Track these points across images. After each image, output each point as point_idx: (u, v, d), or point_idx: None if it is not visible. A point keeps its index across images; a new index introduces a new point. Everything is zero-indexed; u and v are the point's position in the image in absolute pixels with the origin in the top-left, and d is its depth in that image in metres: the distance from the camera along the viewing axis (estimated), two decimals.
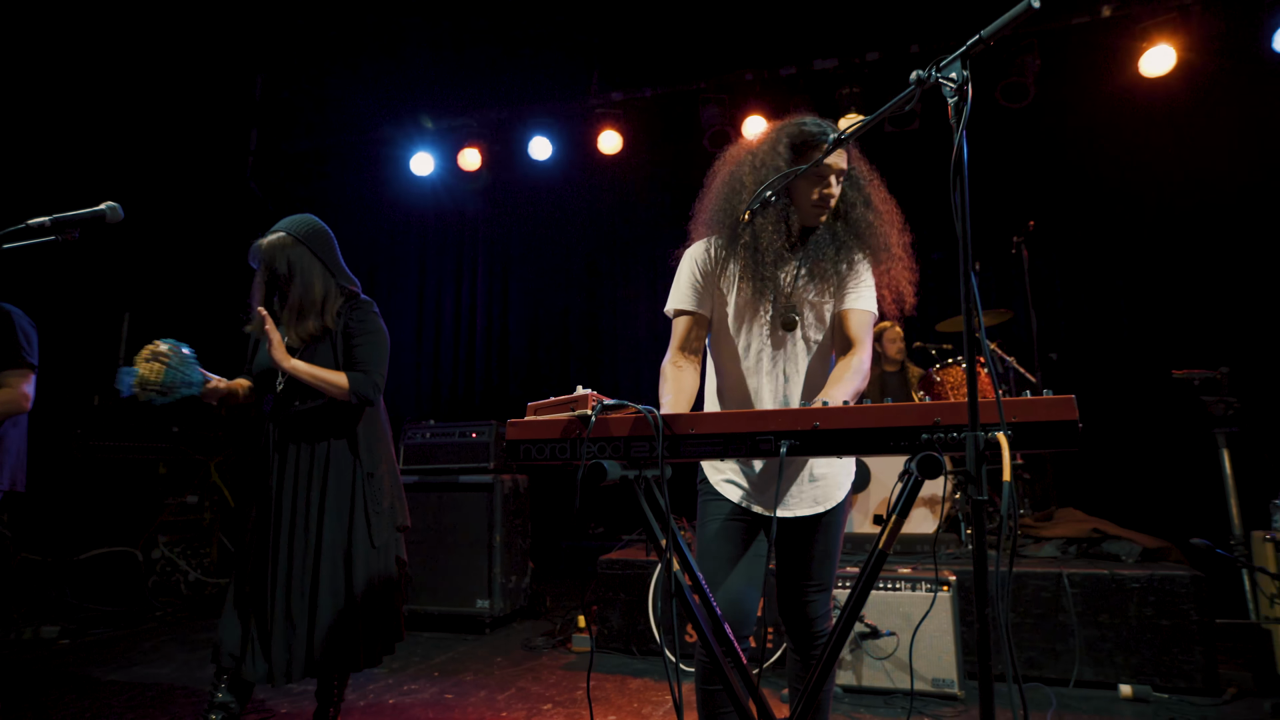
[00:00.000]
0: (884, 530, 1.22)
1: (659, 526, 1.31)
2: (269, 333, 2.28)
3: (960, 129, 1.16)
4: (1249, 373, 4.12)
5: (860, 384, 1.67)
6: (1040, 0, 1.08)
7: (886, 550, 1.23)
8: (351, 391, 2.31)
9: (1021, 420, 1.12)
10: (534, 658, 3.59)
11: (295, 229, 2.43)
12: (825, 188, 1.76)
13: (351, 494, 2.34)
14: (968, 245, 1.14)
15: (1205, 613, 2.94)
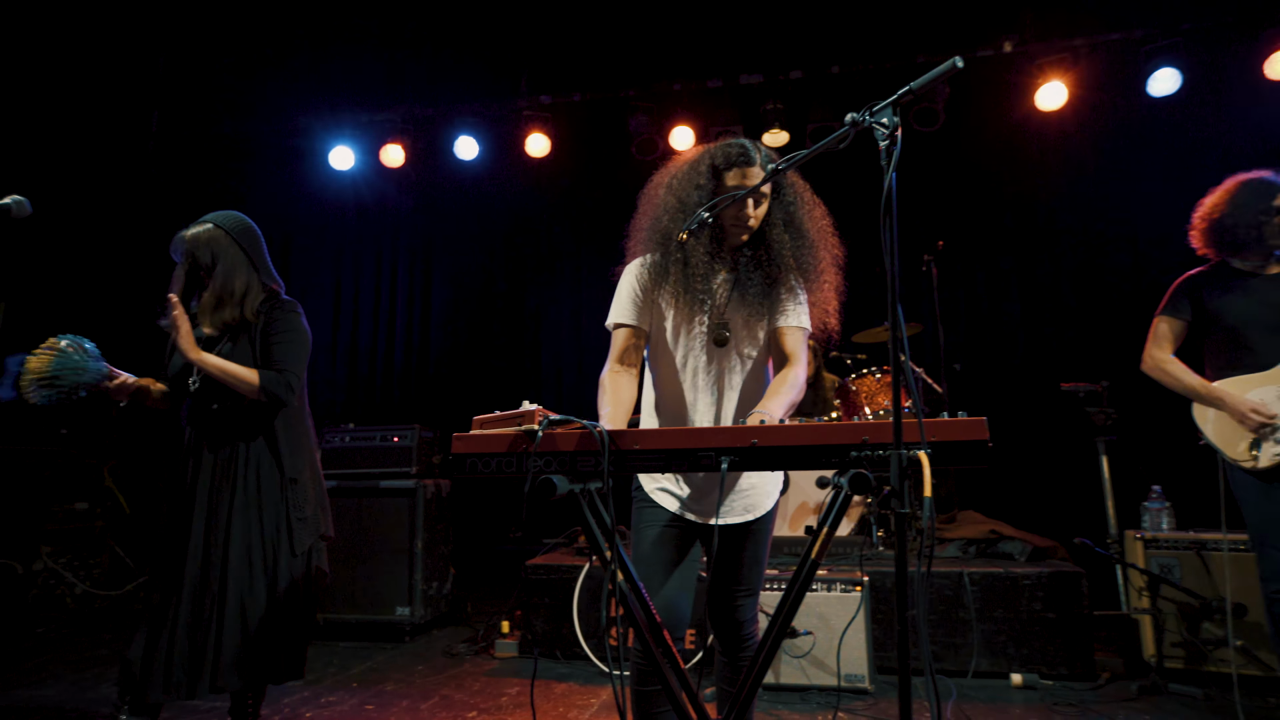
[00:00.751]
0: (815, 541, 1.30)
1: (603, 538, 1.35)
2: (177, 321, 2.18)
3: (890, 170, 1.25)
4: (1127, 386, 4.52)
5: (795, 397, 1.76)
6: (963, 60, 1.18)
7: (818, 560, 1.31)
8: (262, 389, 2.23)
9: (940, 439, 1.22)
10: (456, 665, 3.56)
11: (223, 222, 2.35)
12: (743, 209, 1.84)
13: (273, 500, 2.26)
14: (896, 280, 1.23)
15: (1085, 606, 3.21)
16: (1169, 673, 3.12)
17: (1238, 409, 2.47)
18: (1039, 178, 5.51)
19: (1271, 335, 2.50)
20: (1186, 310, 2.68)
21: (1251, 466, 2.45)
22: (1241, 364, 2.54)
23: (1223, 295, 2.60)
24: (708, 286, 1.91)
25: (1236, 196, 2.57)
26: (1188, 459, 4.49)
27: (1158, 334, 2.73)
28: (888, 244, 1.25)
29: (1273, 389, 2.47)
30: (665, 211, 1.92)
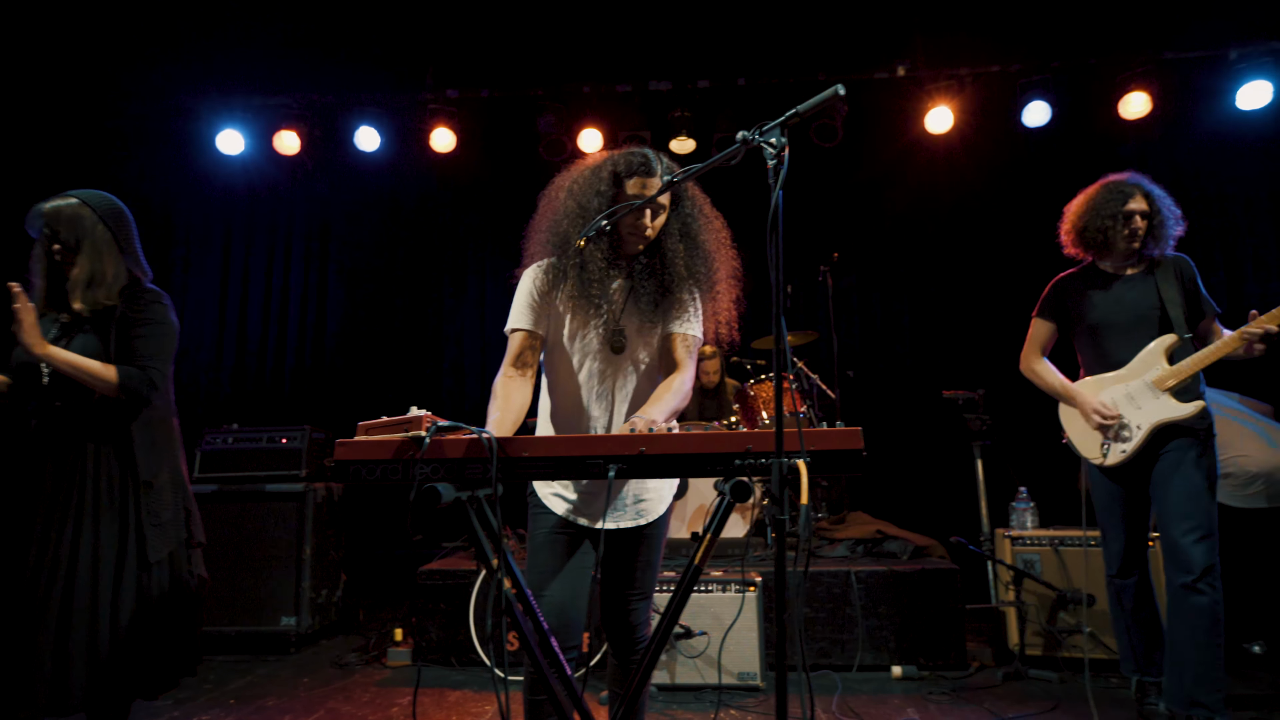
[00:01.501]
0: (699, 547, 1.34)
1: (490, 546, 1.34)
2: (19, 313, 2.00)
3: (777, 188, 1.30)
4: (1001, 393, 4.86)
5: (678, 404, 1.80)
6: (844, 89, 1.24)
7: (701, 565, 1.34)
8: (121, 387, 2.08)
9: (819, 449, 1.28)
10: (345, 676, 3.42)
11: (90, 199, 2.18)
12: (640, 218, 1.87)
13: (123, 505, 2.10)
14: (780, 293, 1.28)
15: (959, 600, 3.43)
16: (1030, 659, 3.38)
17: (1085, 407, 2.60)
18: (929, 195, 5.85)
19: (1125, 336, 2.59)
20: (1052, 312, 2.77)
21: (1100, 464, 2.60)
22: (1102, 364, 2.64)
23: (1085, 296, 2.68)
24: (604, 293, 1.93)
25: (1094, 198, 2.65)
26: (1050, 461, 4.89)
27: (1031, 336, 2.83)
28: (773, 258, 1.29)
29: (1122, 389, 2.57)
30: (565, 216, 1.92)
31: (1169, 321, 2.55)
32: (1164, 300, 2.56)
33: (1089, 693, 2.95)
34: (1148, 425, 2.51)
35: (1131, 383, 2.56)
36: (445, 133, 5.54)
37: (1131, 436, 2.53)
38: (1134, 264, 2.65)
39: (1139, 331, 2.58)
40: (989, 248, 5.74)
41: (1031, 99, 5.29)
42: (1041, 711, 2.89)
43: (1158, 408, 2.51)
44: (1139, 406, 2.53)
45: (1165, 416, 2.49)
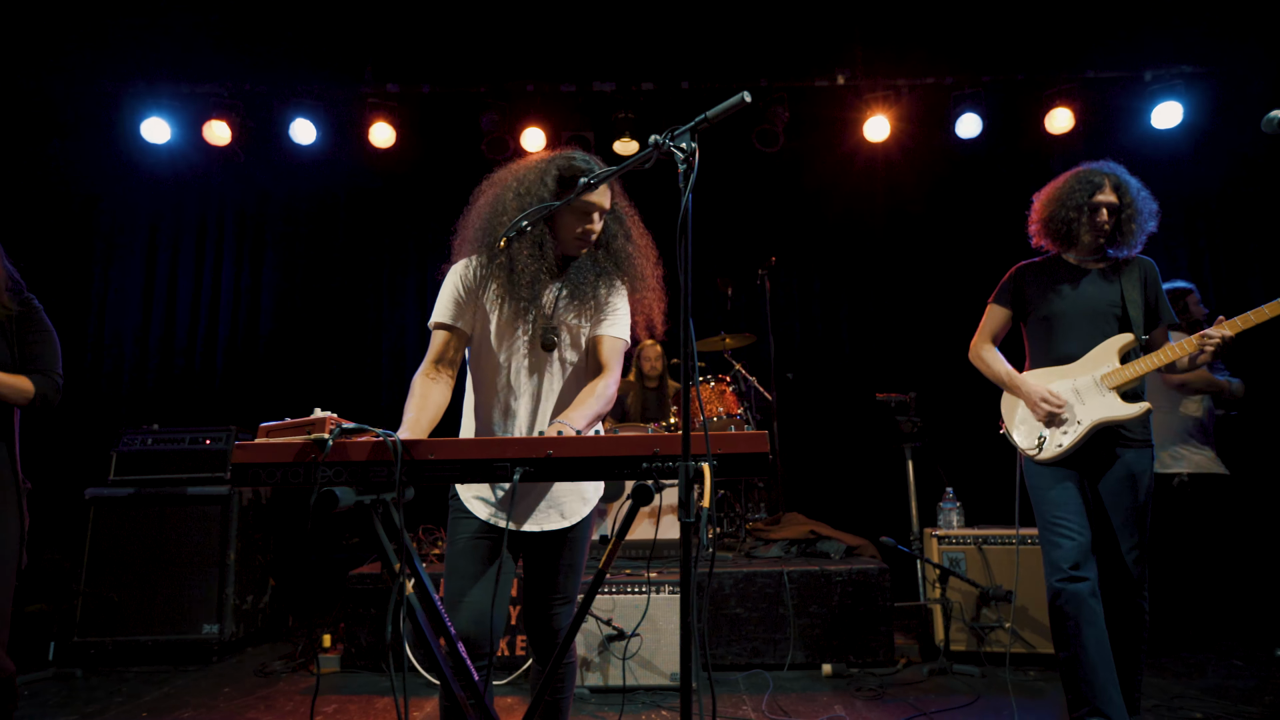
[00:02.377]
0: (605, 552, 1.33)
1: (393, 551, 1.31)
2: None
3: (687, 192, 1.31)
4: (932, 397, 5.00)
5: (602, 408, 1.79)
6: (750, 96, 1.26)
7: (604, 570, 1.34)
8: (39, 395, 2.01)
9: (725, 452, 1.29)
10: (270, 684, 3.32)
11: None
12: (588, 224, 1.87)
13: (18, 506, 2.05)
14: (688, 296, 1.29)
15: (888, 599, 3.51)
16: (955, 655, 3.48)
17: (1030, 398, 2.46)
18: (868, 202, 5.98)
19: (1079, 330, 2.47)
20: (1009, 299, 2.63)
21: (1034, 456, 2.46)
22: (1051, 357, 2.52)
23: (1044, 287, 2.56)
24: (536, 292, 1.92)
25: (1062, 187, 2.52)
26: (978, 462, 5.06)
27: (984, 322, 2.69)
28: (683, 261, 1.30)
29: (1069, 383, 2.45)
30: (505, 213, 1.90)
31: (1128, 321, 2.46)
32: (1125, 300, 2.47)
33: (1009, 685, 3.07)
34: (1088, 422, 2.38)
35: (1080, 378, 2.44)
36: (385, 128, 5.43)
37: (1069, 431, 2.40)
38: (1099, 259, 2.53)
39: (1094, 327, 2.47)
40: (924, 254, 5.90)
41: (964, 111, 5.46)
42: (963, 705, 2.98)
43: (1102, 406, 2.38)
44: (1083, 402, 2.41)
45: (1108, 415, 2.36)
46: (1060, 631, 2.34)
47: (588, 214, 1.87)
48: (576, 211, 1.87)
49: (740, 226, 5.89)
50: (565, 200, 1.76)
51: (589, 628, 3.22)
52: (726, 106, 1.31)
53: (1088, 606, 2.30)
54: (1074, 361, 2.47)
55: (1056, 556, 2.36)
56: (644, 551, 3.83)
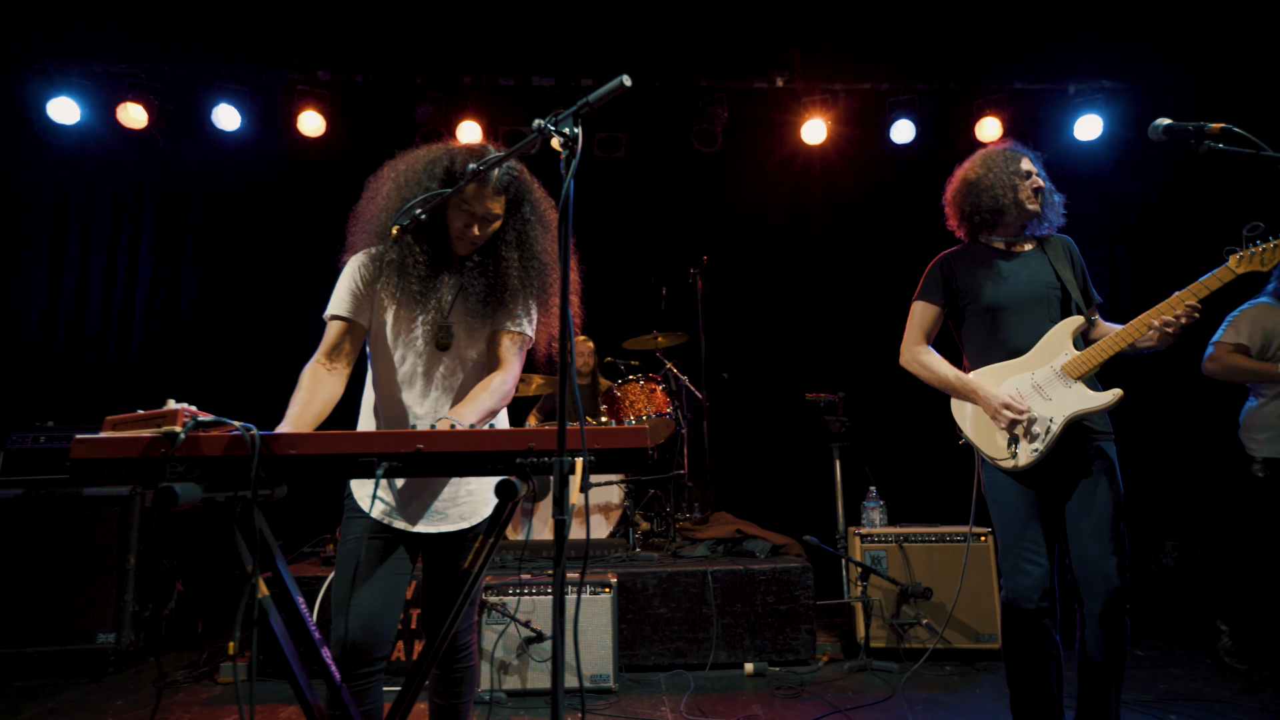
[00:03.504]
0: (475, 549, 1.28)
1: (247, 552, 1.23)
2: None
3: (569, 177, 1.26)
4: (862, 397, 5.06)
5: (495, 404, 1.73)
6: (630, 80, 1.22)
7: (471, 568, 1.29)
8: None
9: (603, 447, 1.25)
10: (169, 695, 3.15)
11: None
12: (471, 225, 1.81)
13: None
14: (567, 285, 1.24)
15: (811, 597, 3.53)
16: (875, 651, 3.51)
17: (990, 405, 2.22)
18: (805, 205, 6.04)
19: (1023, 318, 2.28)
20: (939, 293, 2.40)
21: (1012, 466, 2.20)
22: (997, 350, 2.30)
23: (976, 275, 2.35)
24: (431, 288, 1.85)
25: (987, 160, 2.37)
26: (903, 461, 5.15)
27: (912, 322, 2.45)
28: (562, 251, 1.26)
29: (1027, 378, 2.23)
30: (390, 204, 1.83)
31: (1069, 301, 2.28)
32: (1062, 279, 2.30)
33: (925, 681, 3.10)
34: (1061, 418, 2.15)
35: (1038, 371, 2.22)
36: (314, 116, 5.26)
37: (1043, 433, 2.16)
38: (1024, 239, 2.37)
39: (1039, 312, 2.27)
40: (859, 257, 5.99)
41: (899, 117, 5.56)
42: (878, 701, 3.00)
43: (1071, 398, 2.16)
44: (1048, 398, 2.18)
45: (1081, 407, 2.14)
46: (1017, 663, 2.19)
47: (473, 215, 1.81)
48: (460, 209, 1.81)
49: (678, 226, 5.89)
50: (453, 191, 1.69)
51: (508, 630, 3.14)
52: (607, 91, 1.27)
53: (1049, 640, 2.15)
54: (1026, 354, 2.25)
55: (1023, 585, 2.15)
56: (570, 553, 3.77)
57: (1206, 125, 1.64)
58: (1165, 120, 1.74)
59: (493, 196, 1.80)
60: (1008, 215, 2.33)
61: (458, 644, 1.95)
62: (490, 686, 3.11)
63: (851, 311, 5.83)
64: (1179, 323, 2.06)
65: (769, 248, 6.02)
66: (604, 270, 5.83)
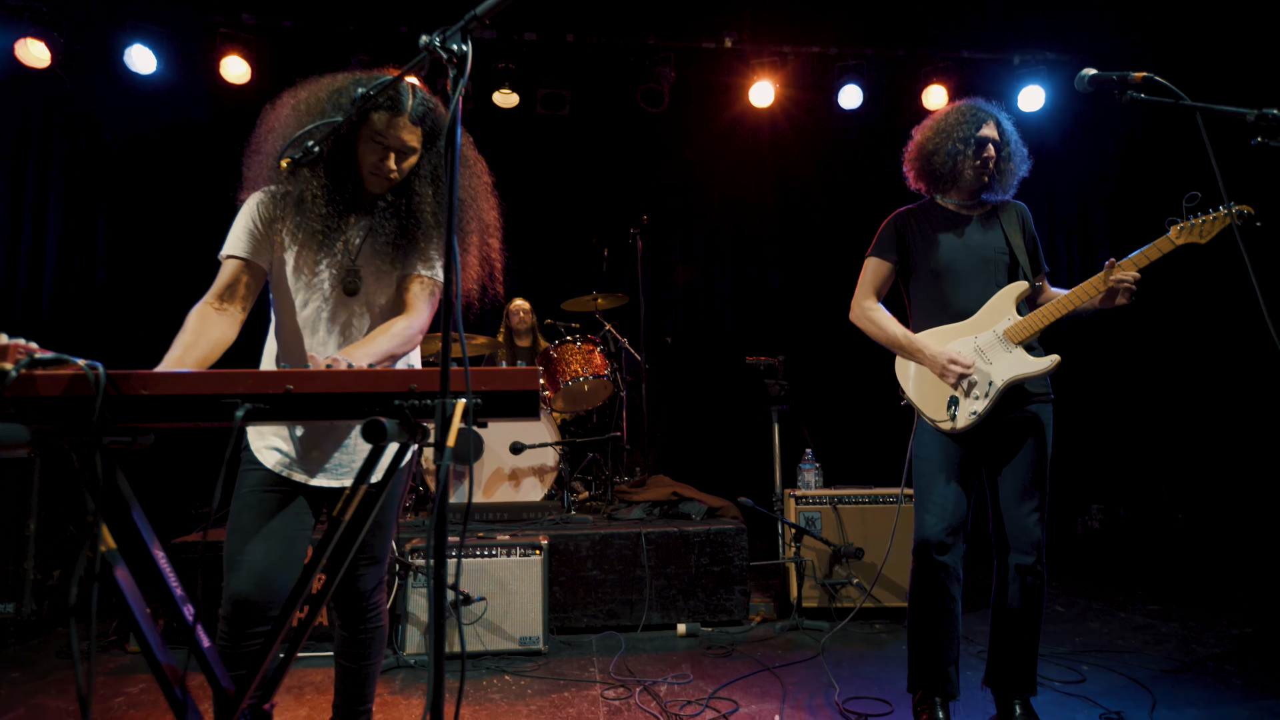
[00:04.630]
0: (345, 499, 1.20)
1: (92, 499, 1.12)
2: None
3: (456, 96, 1.16)
4: (804, 360, 5.08)
5: (395, 347, 1.63)
6: None
7: (341, 517, 1.20)
8: None
9: (491, 389, 1.17)
10: (71, 666, 3.00)
11: None
12: (384, 159, 1.68)
13: None
14: (453, 213, 1.15)
15: (745, 558, 3.53)
16: (808, 611, 3.54)
17: (937, 362, 2.22)
18: (753, 168, 5.98)
19: (970, 281, 2.27)
20: (892, 250, 2.38)
21: (950, 428, 2.21)
22: (943, 313, 2.30)
23: (928, 235, 2.33)
24: (336, 228, 1.73)
25: (943, 122, 2.32)
26: (842, 424, 5.20)
27: (864, 278, 2.42)
28: (448, 176, 1.16)
29: (970, 341, 2.24)
30: (285, 138, 1.68)
31: (1017, 268, 2.29)
32: (1011, 245, 2.29)
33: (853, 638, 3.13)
34: (1000, 382, 2.17)
35: (981, 334, 2.23)
36: (239, 61, 4.98)
37: (982, 396, 2.18)
38: (978, 204, 2.35)
39: (985, 277, 2.27)
40: (805, 221, 5.97)
41: (847, 82, 5.51)
42: (806, 659, 3.02)
43: (1010, 363, 2.18)
44: (989, 361, 2.20)
45: (1019, 372, 2.16)
46: (915, 602, 2.24)
47: (385, 149, 1.68)
48: (371, 143, 1.68)
49: (623, 187, 5.78)
50: (350, 121, 1.56)
51: None
52: (497, 1, 1.16)
53: (944, 590, 2.19)
54: (970, 317, 2.26)
55: (929, 525, 2.20)
56: (500, 514, 3.70)
57: (1130, 75, 1.61)
58: (1091, 70, 1.71)
59: (407, 127, 1.67)
60: (958, 181, 2.32)
61: (365, 604, 1.87)
62: (417, 650, 3.04)
63: (797, 275, 5.83)
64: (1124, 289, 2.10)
65: (716, 211, 5.96)
66: (546, 230, 5.71)
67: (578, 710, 2.51)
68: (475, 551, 3.15)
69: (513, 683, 2.80)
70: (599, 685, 2.75)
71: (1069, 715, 2.39)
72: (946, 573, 2.19)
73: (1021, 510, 2.21)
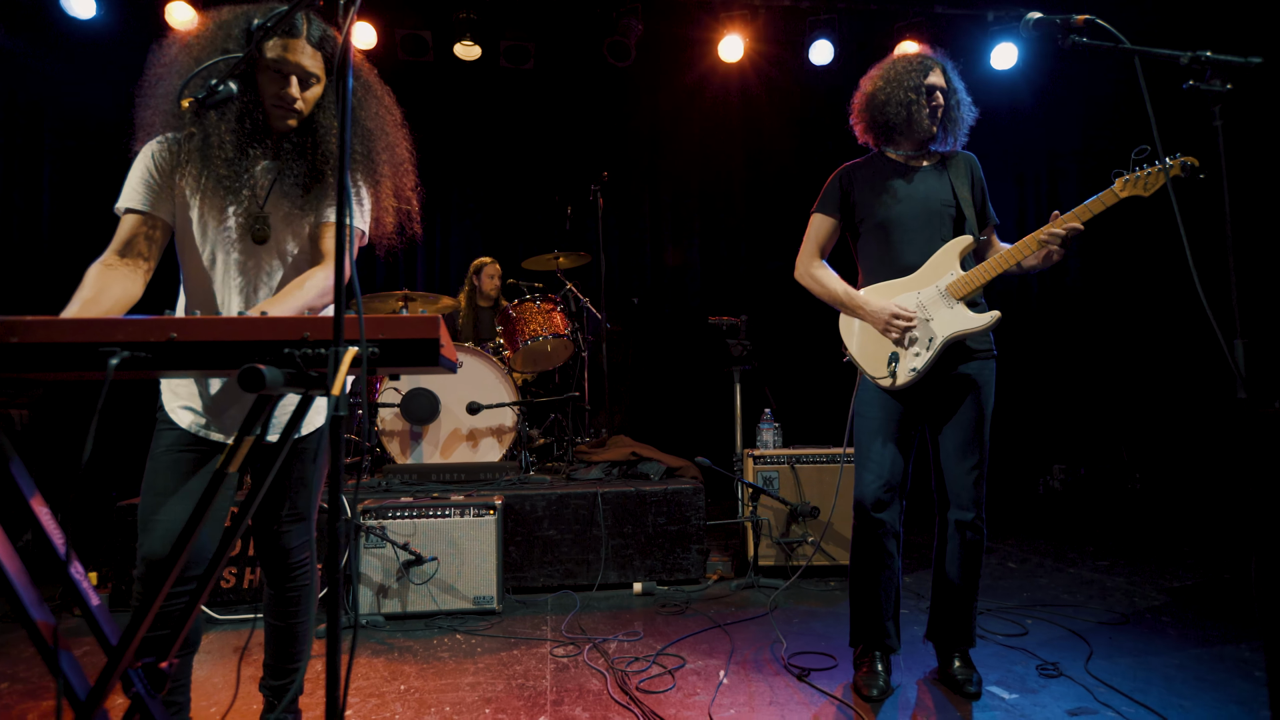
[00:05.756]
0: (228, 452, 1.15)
1: None
2: None
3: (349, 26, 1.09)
4: (768, 320, 5.05)
5: (311, 300, 1.57)
6: None
7: (225, 470, 1.16)
8: None
9: (388, 338, 1.12)
10: (11, 630, 2.96)
11: None
12: (285, 86, 1.61)
13: None
14: (345, 160, 1.08)
15: (702, 517, 3.54)
16: (764, 569, 3.57)
17: (879, 318, 2.20)
18: (722, 125, 5.87)
19: (916, 235, 2.23)
20: (835, 206, 2.34)
21: (890, 385, 2.21)
22: (888, 268, 2.26)
23: (874, 188, 2.29)
24: (242, 171, 1.65)
25: (890, 70, 2.26)
26: (804, 384, 5.21)
27: (809, 234, 2.39)
28: (340, 111, 1.09)
29: (913, 296, 2.21)
30: (182, 78, 1.60)
31: (963, 221, 2.25)
32: (958, 198, 2.26)
33: (807, 596, 3.16)
34: (940, 338, 2.15)
35: (924, 290, 2.20)
36: (184, 8, 4.75)
37: (923, 352, 2.16)
38: (927, 154, 2.30)
39: (930, 231, 2.23)
40: (776, 179, 5.90)
41: (818, 37, 5.40)
42: (758, 615, 3.05)
43: (951, 319, 2.16)
44: (930, 317, 2.17)
45: (960, 328, 2.14)
46: (856, 557, 2.28)
47: (284, 75, 1.60)
48: (270, 73, 1.60)
49: (589, 143, 5.65)
50: (249, 56, 1.48)
51: (385, 554, 3.05)
52: None
53: (881, 547, 2.22)
54: (914, 272, 2.22)
55: (867, 483, 2.23)
56: (457, 475, 3.67)
57: (1072, 18, 1.56)
58: (1035, 14, 1.65)
59: (306, 50, 1.60)
60: (906, 131, 2.26)
61: (290, 562, 1.84)
62: (370, 610, 3.03)
63: (765, 235, 5.77)
64: (1060, 238, 2.07)
65: (685, 168, 5.86)
66: (508, 187, 5.59)
67: (525, 668, 2.51)
68: (429, 512, 3.12)
69: (463, 641, 2.80)
70: (549, 643, 2.75)
71: (1008, 667, 2.43)
72: (884, 529, 2.21)
73: (961, 467, 2.22)
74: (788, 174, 5.87)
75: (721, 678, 2.38)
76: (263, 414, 1.14)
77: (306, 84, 1.65)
